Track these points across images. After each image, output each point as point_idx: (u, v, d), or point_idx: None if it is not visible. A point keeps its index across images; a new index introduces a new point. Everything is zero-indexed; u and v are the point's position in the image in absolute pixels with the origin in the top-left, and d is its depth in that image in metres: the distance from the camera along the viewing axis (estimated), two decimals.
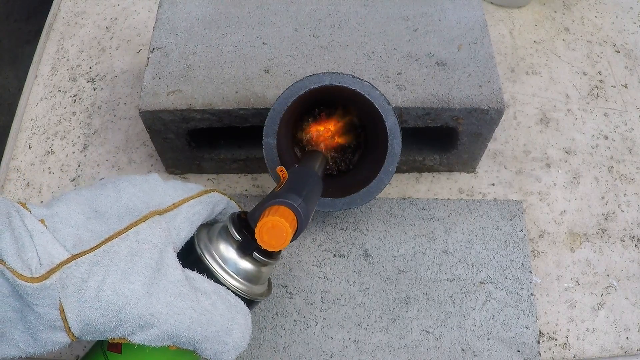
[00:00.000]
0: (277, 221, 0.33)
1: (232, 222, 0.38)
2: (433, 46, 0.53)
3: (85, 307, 0.31)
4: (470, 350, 0.50)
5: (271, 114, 0.46)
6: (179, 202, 0.37)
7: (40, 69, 0.70)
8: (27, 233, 0.31)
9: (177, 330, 0.33)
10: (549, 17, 0.73)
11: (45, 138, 0.65)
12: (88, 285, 0.31)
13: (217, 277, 0.36)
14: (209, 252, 0.37)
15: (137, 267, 0.32)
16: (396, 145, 0.46)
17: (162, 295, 0.32)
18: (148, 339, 0.32)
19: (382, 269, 0.53)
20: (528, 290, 0.52)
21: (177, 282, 0.33)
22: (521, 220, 0.55)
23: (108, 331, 0.32)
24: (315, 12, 0.56)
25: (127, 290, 0.31)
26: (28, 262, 0.30)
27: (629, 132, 0.64)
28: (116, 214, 0.35)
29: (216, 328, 0.34)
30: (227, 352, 0.35)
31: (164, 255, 0.34)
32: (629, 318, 0.53)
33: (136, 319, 0.31)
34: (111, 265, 0.32)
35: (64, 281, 0.30)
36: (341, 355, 0.50)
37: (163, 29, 0.55)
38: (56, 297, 0.30)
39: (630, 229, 0.58)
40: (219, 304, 0.35)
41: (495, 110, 0.50)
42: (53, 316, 0.30)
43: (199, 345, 0.34)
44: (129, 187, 0.37)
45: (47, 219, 0.33)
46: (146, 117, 0.51)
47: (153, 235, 0.34)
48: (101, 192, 0.36)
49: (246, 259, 0.37)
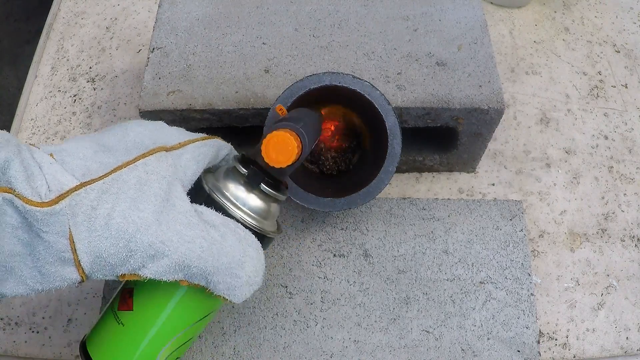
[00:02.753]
0: (282, 135, 0.34)
1: (238, 160, 0.38)
2: (433, 46, 0.53)
3: (95, 236, 0.30)
4: (470, 350, 0.50)
5: (271, 113, 0.46)
6: (185, 142, 0.37)
7: (40, 69, 0.70)
8: (36, 163, 0.31)
9: (188, 260, 0.32)
10: (549, 17, 0.73)
11: (45, 138, 0.65)
12: (97, 213, 0.30)
13: (227, 211, 0.36)
14: (218, 189, 0.37)
15: (146, 195, 0.32)
16: (396, 145, 0.46)
17: (172, 224, 0.32)
18: (159, 270, 0.32)
19: (382, 269, 0.53)
20: (528, 290, 0.52)
21: (186, 213, 0.33)
22: (521, 220, 0.55)
23: (118, 265, 0.31)
24: (315, 12, 0.56)
25: (137, 218, 0.31)
26: (37, 189, 0.29)
27: (629, 132, 0.64)
28: (124, 147, 0.35)
29: (228, 259, 0.34)
30: (240, 287, 0.35)
31: (172, 188, 0.34)
32: (629, 318, 0.53)
33: (146, 248, 0.31)
34: (120, 193, 0.31)
35: (73, 208, 0.30)
36: (341, 355, 0.50)
37: (163, 29, 0.55)
38: (66, 224, 0.30)
39: (630, 229, 0.58)
40: (229, 236, 0.34)
41: (495, 110, 0.50)
42: (62, 246, 0.30)
43: (211, 278, 0.33)
44: (136, 126, 0.37)
45: (56, 154, 0.33)
46: (146, 117, 0.51)
47: (161, 167, 0.34)
48: (108, 131, 0.37)
49: (254, 193, 0.38)
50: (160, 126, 0.39)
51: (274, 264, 0.53)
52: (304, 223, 0.55)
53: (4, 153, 0.29)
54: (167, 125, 0.39)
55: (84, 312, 0.54)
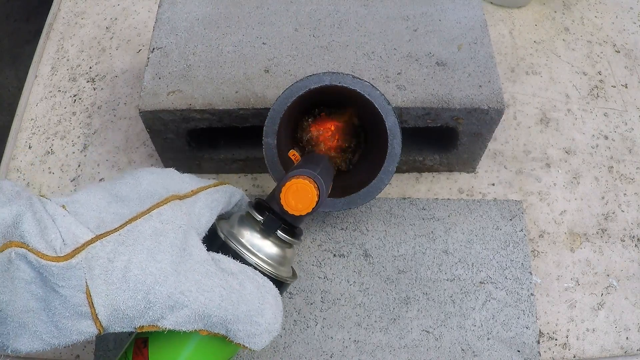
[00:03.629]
0: (302, 183, 0.34)
1: (252, 206, 0.38)
2: (433, 46, 0.53)
3: (112, 289, 0.30)
4: (470, 350, 0.50)
5: (271, 114, 0.46)
6: (197, 190, 0.37)
7: (40, 69, 0.70)
8: (49, 216, 0.30)
9: (207, 309, 0.32)
10: (549, 17, 0.73)
11: (45, 138, 0.65)
12: (115, 266, 0.30)
13: (245, 259, 0.36)
14: (233, 236, 0.37)
15: (162, 246, 0.32)
16: (396, 145, 0.46)
17: (190, 274, 0.32)
18: (179, 321, 0.32)
19: (382, 269, 0.53)
20: (528, 290, 0.52)
21: (203, 262, 0.33)
22: (521, 220, 0.55)
23: (137, 317, 0.31)
24: (315, 12, 0.56)
25: (155, 269, 0.31)
26: (52, 243, 0.29)
27: (629, 132, 0.64)
28: (137, 197, 0.35)
29: (247, 307, 0.33)
30: (260, 334, 0.34)
31: (188, 237, 0.33)
32: (629, 318, 0.53)
33: (166, 299, 0.31)
34: (136, 244, 0.31)
35: (89, 262, 0.29)
36: (341, 355, 0.50)
37: (163, 29, 0.55)
38: (82, 278, 0.29)
39: (630, 228, 0.58)
40: (247, 284, 0.34)
41: (495, 110, 0.50)
42: (79, 300, 0.29)
43: (231, 327, 0.33)
44: (147, 175, 0.37)
45: (68, 205, 0.32)
46: (146, 117, 0.51)
47: (176, 216, 0.34)
48: (119, 180, 0.36)
49: (270, 239, 0.37)
50: (172, 174, 0.38)
51: None
52: (303, 223, 0.55)
53: (15, 207, 0.29)
54: (178, 172, 0.39)
55: None
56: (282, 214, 0.36)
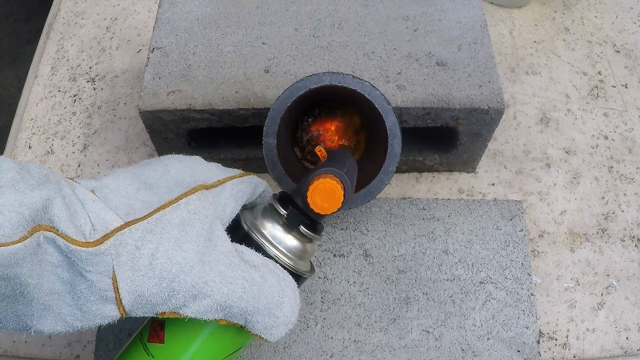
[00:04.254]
0: (329, 183, 0.34)
1: (277, 199, 0.38)
2: (433, 46, 0.53)
3: (138, 276, 0.30)
4: (470, 350, 0.50)
5: (271, 114, 0.46)
6: (224, 179, 0.38)
7: (40, 69, 0.70)
8: (78, 201, 0.30)
9: (229, 301, 0.32)
10: (549, 17, 0.73)
11: (45, 138, 0.65)
12: (142, 253, 0.30)
13: (266, 251, 0.36)
14: (256, 228, 0.37)
15: (189, 235, 0.32)
16: (396, 145, 0.46)
17: (215, 265, 0.32)
18: (200, 310, 0.32)
19: (382, 269, 0.53)
20: (528, 290, 0.52)
21: (227, 253, 0.33)
22: (521, 220, 0.55)
23: (160, 303, 0.31)
24: (315, 12, 0.56)
25: (181, 258, 0.31)
26: (81, 228, 0.29)
27: (629, 132, 0.64)
28: (165, 185, 0.35)
29: (267, 300, 0.34)
30: (277, 326, 0.35)
31: (213, 227, 0.34)
32: (629, 318, 0.53)
33: (189, 288, 0.31)
34: (164, 233, 0.31)
35: (117, 248, 0.30)
36: (341, 355, 0.50)
37: (163, 29, 0.55)
38: (110, 264, 0.30)
39: (630, 228, 0.58)
40: (269, 277, 0.34)
41: (495, 110, 0.50)
42: (105, 285, 0.30)
43: (250, 318, 0.34)
44: (176, 162, 0.37)
45: (97, 190, 0.32)
46: (146, 117, 0.51)
47: (203, 207, 0.34)
48: (148, 167, 0.37)
49: (292, 234, 0.38)
50: (199, 162, 0.39)
51: None
52: None
53: (45, 191, 0.29)
54: (205, 161, 0.40)
55: None
56: (305, 210, 0.37)
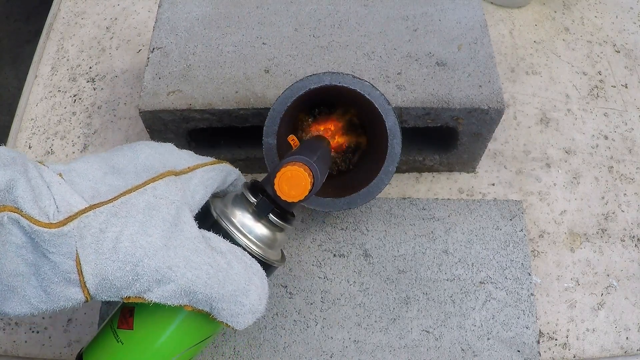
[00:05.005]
0: (295, 170, 0.34)
1: (247, 187, 0.38)
2: (433, 46, 0.53)
3: (102, 259, 0.30)
4: (470, 350, 0.50)
5: (271, 114, 0.46)
6: (194, 166, 0.38)
7: (40, 69, 0.70)
8: (44, 183, 0.30)
9: (194, 286, 0.32)
10: (549, 17, 0.73)
11: (45, 138, 0.65)
12: (106, 236, 0.30)
13: (234, 239, 0.36)
14: (225, 216, 0.37)
15: (154, 220, 0.32)
16: (396, 145, 0.46)
17: (180, 250, 0.32)
18: (165, 295, 0.32)
19: (382, 268, 0.53)
20: (528, 290, 0.52)
21: (193, 239, 0.33)
22: (521, 220, 0.55)
23: (124, 287, 0.31)
24: (315, 12, 0.56)
25: (145, 242, 0.31)
26: (45, 210, 0.29)
27: (629, 132, 0.64)
28: (133, 170, 0.35)
29: (233, 287, 0.34)
30: (243, 314, 0.35)
31: (180, 213, 0.34)
32: (629, 318, 0.53)
33: (153, 272, 0.31)
34: (129, 217, 0.31)
35: (81, 231, 0.30)
36: (341, 355, 0.50)
37: (163, 29, 0.55)
38: (73, 246, 0.30)
39: (630, 229, 0.58)
40: (235, 263, 0.34)
41: (495, 110, 0.50)
42: (69, 267, 0.30)
43: (216, 304, 0.33)
44: (146, 148, 0.37)
45: (65, 174, 0.32)
46: (146, 117, 0.51)
47: (170, 192, 0.34)
48: (118, 152, 0.37)
49: (262, 222, 0.38)
50: (170, 149, 0.39)
51: None
52: (304, 223, 0.55)
53: (9, 172, 0.29)
54: (177, 148, 0.39)
55: (84, 312, 0.54)
56: (275, 198, 0.36)
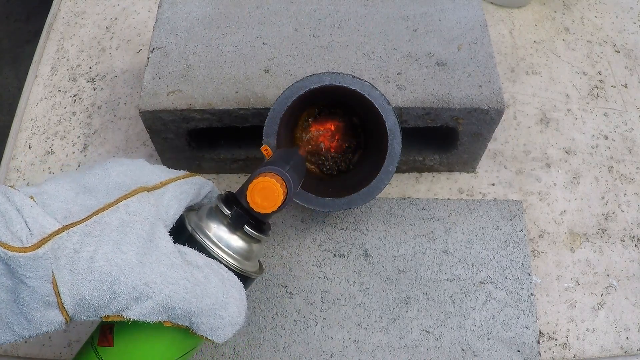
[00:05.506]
0: (267, 181, 0.34)
1: (221, 200, 0.38)
2: (433, 46, 0.53)
3: (78, 280, 0.30)
4: (470, 350, 0.50)
5: (271, 114, 0.46)
6: (166, 181, 0.37)
7: (40, 69, 0.70)
8: (13, 207, 0.30)
9: (172, 302, 0.32)
10: (549, 17, 0.73)
11: (45, 138, 0.65)
12: (80, 256, 0.30)
13: (210, 252, 0.36)
14: (200, 229, 0.37)
15: (128, 237, 0.32)
16: (396, 145, 0.46)
17: (156, 266, 0.32)
18: (143, 312, 0.32)
19: (382, 268, 0.53)
20: (528, 290, 0.52)
21: (169, 254, 0.33)
22: (521, 220, 0.55)
23: (102, 307, 0.31)
24: (315, 12, 0.56)
25: (120, 260, 0.31)
26: (18, 234, 0.29)
27: (629, 132, 0.64)
28: (105, 189, 0.35)
29: (211, 300, 0.34)
30: (223, 327, 0.35)
31: (154, 229, 0.34)
32: (629, 318, 0.53)
33: (130, 290, 0.31)
34: (103, 235, 0.31)
35: (56, 252, 0.30)
36: (341, 355, 0.50)
37: (163, 29, 0.55)
38: (49, 268, 0.30)
39: (630, 228, 0.58)
40: (212, 277, 0.34)
41: (495, 110, 0.50)
42: (46, 290, 0.30)
43: (195, 319, 0.33)
44: (117, 166, 0.37)
45: (36, 196, 0.32)
46: (146, 117, 0.51)
47: (143, 208, 0.34)
48: (89, 171, 0.36)
49: (237, 234, 0.37)
50: (141, 165, 0.38)
51: (274, 264, 0.53)
52: (304, 223, 0.55)
53: None
54: (148, 164, 0.39)
55: None
56: (249, 210, 0.36)
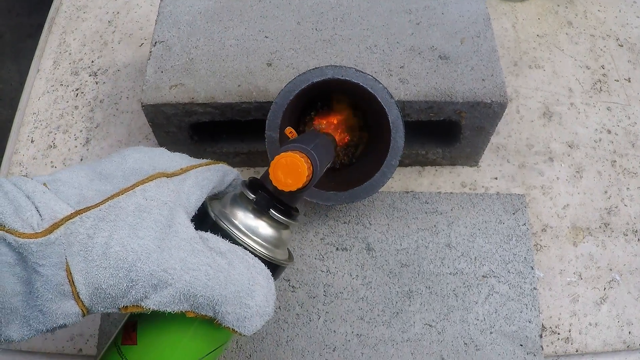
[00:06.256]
0: (290, 156, 0.32)
1: (245, 185, 0.37)
2: (436, 39, 0.53)
3: (92, 267, 0.29)
4: (473, 344, 0.50)
5: (273, 107, 0.46)
6: (187, 167, 0.36)
7: (43, 63, 0.70)
8: (22, 194, 0.29)
9: (193, 289, 0.30)
10: (552, 10, 0.73)
11: (48, 132, 0.65)
12: (95, 242, 0.29)
13: (234, 239, 0.34)
14: (224, 216, 0.36)
15: (146, 222, 0.30)
16: (399, 138, 0.46)
17: (175, 252, 0.30)
18: (163, 301, 0.30)
19: (385, 262, 0.53)
20: (531, 284, 0.52)
21: (190, 239, 0.31)
22: (524, 214, 0.55)
23: (119, 296, 0.30)
24: (318, 5, 0.56)
25: (137, 246, 0.29)
26: (29, 221, 0.28)
27: (631, 126, 0.64)
28: (122, 174, 0.33)
29: (236, 288, 0.32)
30: (250, 317, 0.33)
31: (174, 214, 0.32)
32: (632, 312, 0.53)
33: (148, 277, 0.30)
34: (118, 220, 0.30)
35: (68, 238, 0.28)
36: (344, 348, 0.50)
37: (165, 23, 0.55)
38: (62, 255, 0.28)
39: (633, 223, 0.57)
40: (237, 263, 0.33)
41: (498, 103, 0.50)
42: (60, 278, 0.28)
43: (219, 308, 0.32)
44: (134, 153, 0.36)
45: (49, 183, 0.31)
46: (148, 111, 0.51)
47: (161, 193, 0.32)
48: (106, 159, 0.35)
49: (264, 220, 0.36)
50: (161, 152, 0.37)
51: None
52: (306, 216, 0.55)
53: None
54: (169, 152, 0.38)
55: None
56: (275, 192, 0.35)
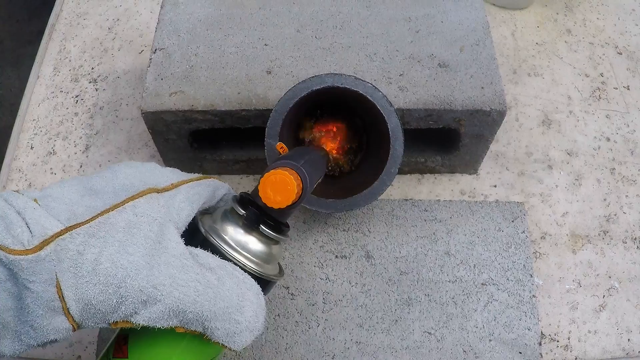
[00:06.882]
0: (279, 174, 0.32)
1: (236, 201, 0.37)
2: (435, 48, 0.53)
3: (82, 283, 0.29)
4: (472, 352, 0.50)
5: (273, 115, 0.46)
6: (178, 183, 0.36)
7: (43, 70, 0.71)
8: (12, 210, 0.29)
9: (182, 305, 0.31)
10: (551, 18, 0.73)
11: (47, 139, 0.65)
12: (84, 258, 0.29)
13: (224, 254, 0.34)
14: (215, 231, 0.36)
15: (135, 238, 0.31)
16: (398, 146, 0.46)
17: (164, 268, 0.31)
18: (152, 317, 0.31)
19: (384, 270, 0.53)
20: (530, 292, 0.52)
21: (179, 256, 0.32)
22: (523, 221, 0.55)
23: (109, 312, 0.30)
24: (318, 14, 0.56)
25: (126, 262, 0.30)
26: (19, 237, 0.28)
27: (630, 134, 0.64)
28: (112, 190, 0.34)
29: (225, 304, 0.32)
30: (240, 332, 0.33)
31: (164, 230, 0.32)
32: (631, 320, 0.53)
33: (138, 293, 0.30)
34: (108, 237, 0.30)
35: (59, 254, 0.29)
36: (343, 356, 0.50)
37: (165, 30, 0.55)
38: (52, 271, 0.28)
39: (632, 230, 0.57)
40: (226, 279, 0.33)
41: (497, 111, 0.50)
42: (50, 295, 0.29)
43: (208, 324, 0.32)
44: (126, 168, 0.36)
45: (40, 199, 0.31)
46: (148, 118, 0.51)
47: (151, 209, 0.32)
48: (96, 174, 0.35)
49: (253, 235, 0.36)
50: (152, 167, 0.37)
51: None
52: (306, 224, 0.55)
53: None
54: (160, 167, 0.38)
55: None
56: (265, 208, 0.35)
